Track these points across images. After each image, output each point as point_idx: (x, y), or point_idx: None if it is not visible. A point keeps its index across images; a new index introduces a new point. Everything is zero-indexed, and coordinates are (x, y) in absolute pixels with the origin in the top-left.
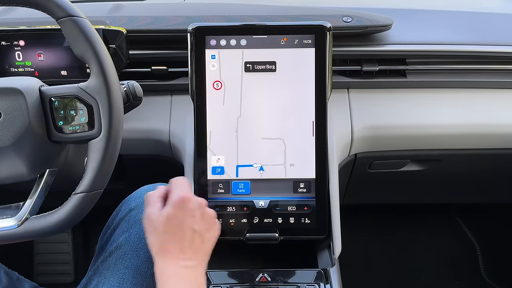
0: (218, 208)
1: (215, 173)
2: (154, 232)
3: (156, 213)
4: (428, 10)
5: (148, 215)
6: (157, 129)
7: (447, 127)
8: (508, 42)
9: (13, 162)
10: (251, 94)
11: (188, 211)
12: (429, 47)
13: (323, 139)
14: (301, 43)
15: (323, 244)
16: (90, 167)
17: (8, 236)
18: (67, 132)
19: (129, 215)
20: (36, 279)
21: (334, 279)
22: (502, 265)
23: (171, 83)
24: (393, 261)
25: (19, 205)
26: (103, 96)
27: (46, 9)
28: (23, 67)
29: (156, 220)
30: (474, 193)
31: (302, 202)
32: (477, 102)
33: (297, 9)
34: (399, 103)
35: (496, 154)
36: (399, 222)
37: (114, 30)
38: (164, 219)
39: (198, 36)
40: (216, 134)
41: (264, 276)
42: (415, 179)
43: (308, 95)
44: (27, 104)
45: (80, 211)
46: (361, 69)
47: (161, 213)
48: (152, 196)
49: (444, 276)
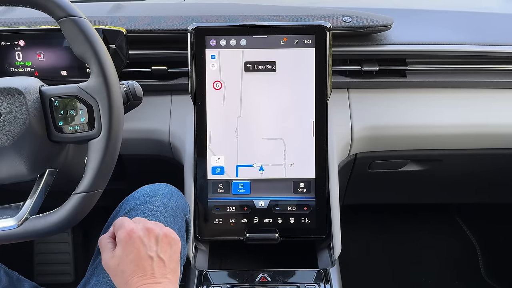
0: (218, 208)
1: (215, 173)
2: (116, 276)
3: (110, 257)
4: (428, 10)
5: (103, 263)
6: (157, 129)
7: (447, 127)
8: (508, 42)
9: (13, 162)
10: (251, 94)
11: (137, 241)
12: (429, 47)
13: (323, 139)
14: (301, 43)
15: (323, 244)
16: (90, 167)
17: (8, 236)
18: (67, 132)
19: (129, 215)
20: (36, 279)
21: (334, 279)
22: (502, 265)
23: (171, 83)
24: (393, 261)
25: (19, 205)
26: (103, 96)
27: (46, 9)
28: (23, 67)
29: (111, 265)
30: (474, 193)
31: (302, 202)
32: (477, 102)
33: (297, 9)
34: (399, 103)
35: (496, 154)
36: (399, 222)
37: (114, 30)
38: (117, 260)
39: (198, 36)
40: (216, 134)
41: (264, 276)
42: (415, 179)
43: (308, 95)
44: (27, 104)
45: (80, 211)
46: (361, 69)
47: (114, 255)
48: (103, 239)
49: (444, 276)
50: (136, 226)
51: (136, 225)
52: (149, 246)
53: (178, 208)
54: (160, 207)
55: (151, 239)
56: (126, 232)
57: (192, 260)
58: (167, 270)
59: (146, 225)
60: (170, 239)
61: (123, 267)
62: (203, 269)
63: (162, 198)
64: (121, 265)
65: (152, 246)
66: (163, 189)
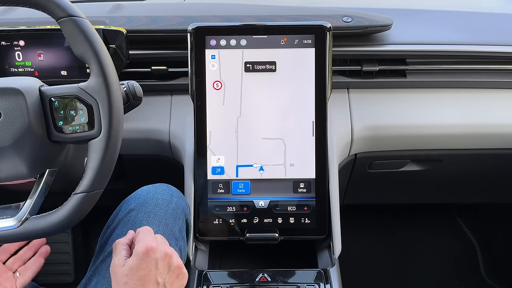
0: (218, 208)
1: (215, 173)
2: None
3: (120, 264)
4: (428, 10)
5: (112, 266)
6: (157, 129)
7: (447, 127)
8: (508, 42)
9: (13, 162)
10: (251, 94)
11: (152, 262)
12: (429, 47)
13: (323, 139)
14: (301, 43)
15: (323, 244)
16: (90, 167)
17: (8, 236)
18: (67, 132)
19: (129, 216)
20: (36, 279)
21: (334, 279)
22: (502, 265)
23: (171, 83)
24: (393, 261)
25: (19, 205)
26: (103, 96)
27: (46, 9)
28: (23, 67)
29: (118, 273)
30: (474, 193)
31: (302, 202)
32: (477, 102)
33: (297, 9)
34: (399, 103)
35: (497, 154)
36: (399, 222)
37: (114, 30)
38: (127, 270)
39: (198, 36)
40: (216, 134)
41: (264, 276)
42: (415, 179)
43: (308, 95)
44: (27, 104)
45: (80, 211)
46: (361, 69)
47: (125, 263)
48: (119, 244)
49: (444, 276)
50: (156, 246)
51: (157, 245)
52: (161, 272)
53: (178, 209)
54: (160, 208)
55: (165, 265)
56: (145, 248)
57: (192, 260)
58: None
59: (166, 249)
60: (180, 271)
61: (128, 280)
62: (203, 269)
63: (162, 198)
64: (128, 277)
65: (163, 273)
66: (163, 190)
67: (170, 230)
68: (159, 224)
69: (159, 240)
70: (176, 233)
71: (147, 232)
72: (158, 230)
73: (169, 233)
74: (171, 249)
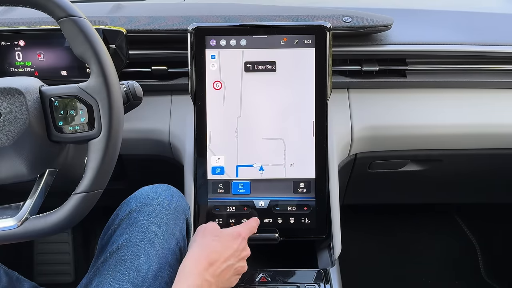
0: (218, 208)
1: (215, 173)
2: (191, 247)
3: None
4: (428, 10)
5: (204, 229)
6: (157, 129)
7: (447, 127)
8: (508, 42)
9: (13, 162)
10: (251, 94)
11: (241, 247)
12: (429, 47)
13: (323, 139)
14: (301, 43)
15: (323, 244)
16: (90, 167)
17: (8, 236)
18: (67, 132)
19: (130, 216)
20: (36, 279)
21: (334, 279)
22: (502, 265)
23: (171, 83)
24: (393, 261)
25: (19, 205)
26: (103, 96)
27: (46, 9)
28: (23, 67)
29: (205, 242)
30: (474, 193)
31: (302, 202)
32: (477, 102)
33: (297, 9)
34: (399, 103)
35: (497, 154)
36: (399, 222)
37: (114, 30)
38: (217, 247)
39: (198, 36)
40: (216, 134)
41: (264, 276)
42: (415, 179)
43: (308, 95)
44: (27, 104)
45: (80, 211)
46: (361, 69)
47: (219, 241)
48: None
49: (444, 276)
50: (247, 254)
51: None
52: (239, 258)
53: (179, 209)
54: (161, 208)
55: (244, 255)
56: (245, 253)
57: None
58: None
59: (243, 263)
60: (245, 265)
61: (205, 253)
62: None
63: (163, 199)
64: (209, 248)
65: (240, 261)
66: (163, 190)
67: (170, 230)
68: (160, 224)
69: (246, 252)
70: (177, 233)
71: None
72: (158, 230)
73: (170, 233)
74: (244, 261)
